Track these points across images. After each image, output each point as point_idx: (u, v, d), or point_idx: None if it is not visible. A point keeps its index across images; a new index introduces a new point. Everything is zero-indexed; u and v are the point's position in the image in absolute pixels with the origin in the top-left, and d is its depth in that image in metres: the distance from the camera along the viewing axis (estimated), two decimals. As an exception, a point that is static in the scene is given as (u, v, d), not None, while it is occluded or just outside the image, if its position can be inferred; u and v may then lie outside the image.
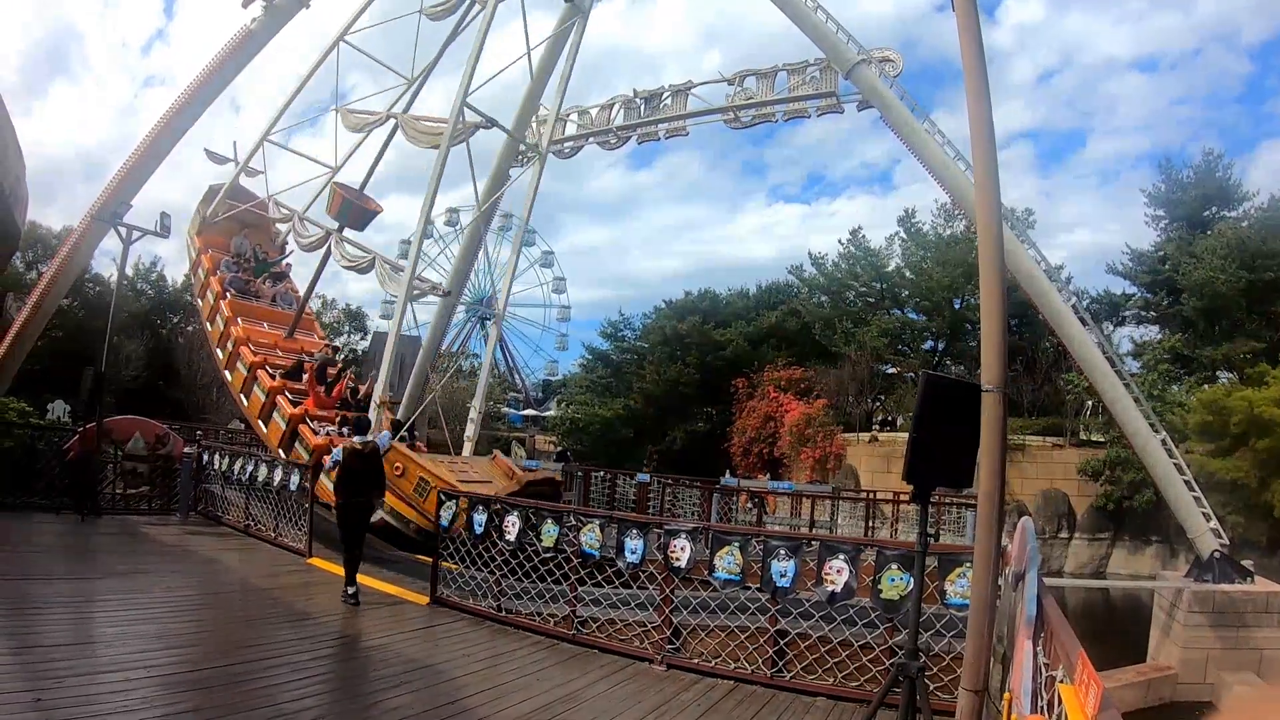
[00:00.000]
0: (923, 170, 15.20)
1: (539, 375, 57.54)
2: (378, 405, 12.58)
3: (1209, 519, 14.38)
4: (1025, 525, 5.06)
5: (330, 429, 12.46)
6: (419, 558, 10.44)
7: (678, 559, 6.73)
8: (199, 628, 6.86)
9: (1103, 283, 39.71)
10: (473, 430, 15.12)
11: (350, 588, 8.00)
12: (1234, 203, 32.68)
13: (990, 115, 4.15)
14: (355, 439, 8.61)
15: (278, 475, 11.25)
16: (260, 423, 13.50)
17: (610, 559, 7.18)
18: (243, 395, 14.30)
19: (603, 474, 20.31)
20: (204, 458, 13.27)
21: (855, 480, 29.75)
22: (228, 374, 15.04)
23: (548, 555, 7.52)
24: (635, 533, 7.06)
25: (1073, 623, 4.00)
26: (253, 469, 11.83)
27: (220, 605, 7.85)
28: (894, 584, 5.68)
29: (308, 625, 7.18)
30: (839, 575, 5.98)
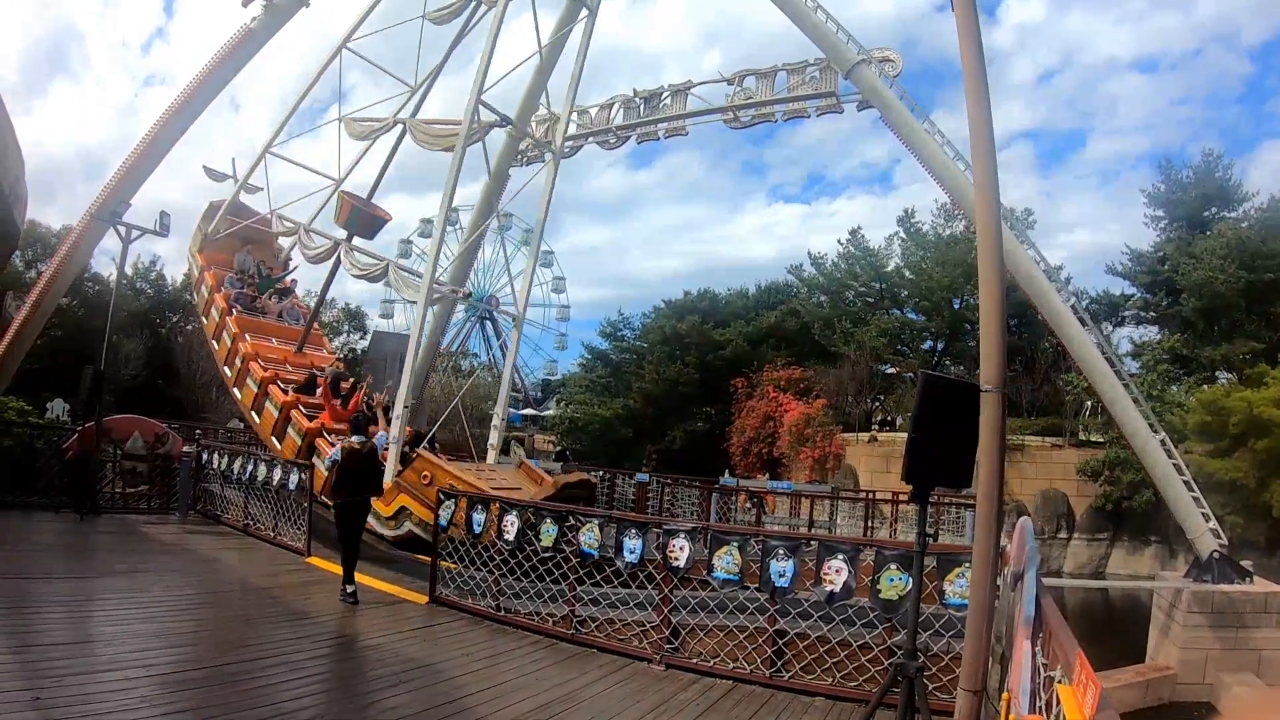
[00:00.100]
0: (922, 170, 15.16)
1: (538, 375, 57.49)
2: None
3: (1208, 519, 14.36)
4: (1024, 525, 5.06)
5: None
6: (418, 557, 10.45)
7: (676, 559, 6.73)
8: (198, 627, 6.87)
9: (1102, 283, 39.75)
10: (496, 437, 14.71)
11: (349, 585, 8.03)
12: (1233, 203, 32.65)
13: (990, 116, 4.15)
14: (353, 438, 8.66)
15: (277, 474, 11.25)
16: (274, 440, 13.25)
17: (609, 559, 7.18)
18: (254, 413, 13.93)
19: (602, 473, 20.31)
20: (203, 457, 13.26)
21: (854, 480, 29.74)
22: (237, 392, 14.70)
23: (546, 555, 7.52)
24: (634, 532, 7.07)
25: (1072, 623, 4.01)
26: (252, 468, 11.83)
27: (219, 604, 7.85)
28: (893, 584, 5.69)
29: (306, 624, 7.18)
30: (838, 575, 5.98)
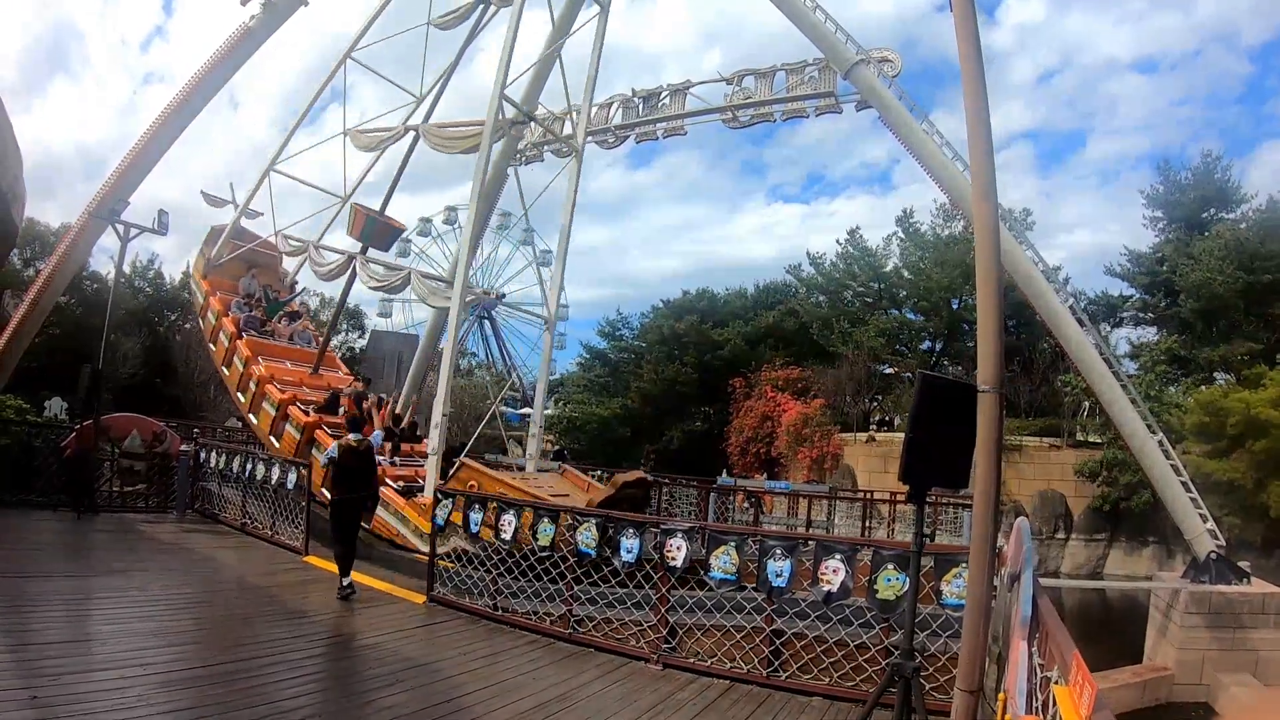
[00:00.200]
0: (921, 171, 15.19)
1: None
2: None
3: (1206, 520, 14.38)
4: (1021, 526, 5.06)
5: (381, 459, 12.04)
6: (417, 556, 10.46)
7: (674, 558, 6.73)
8: (195, 625, 6.86)
9: (1101, 284, 39.79)
10: (534, 446, 14.64)
11: (345, 579, 8.09)
12: (1232, 204, 32.67)
13: (988, 116, 4.16)
14: (351, 437, 8.72)
15: (275, 473, 11.24)
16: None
17: (606, 558, 7.18)
18: (273, 437, 13.70)
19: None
20: (201, 455, 13.23)
21: (852, 480, 29.74)
22: (253, 417, 14.43)
23: (544, 554, 7.53)
24: (631, 532, 7.06)
25: (1069, 623, 4.01)
26: (250, 467, 11.82)
27: (216, 603, 7.84)
28: (890, 584, 5.69)
29: (304, 623, 7.18)
30: (835, 575, 5.98)
